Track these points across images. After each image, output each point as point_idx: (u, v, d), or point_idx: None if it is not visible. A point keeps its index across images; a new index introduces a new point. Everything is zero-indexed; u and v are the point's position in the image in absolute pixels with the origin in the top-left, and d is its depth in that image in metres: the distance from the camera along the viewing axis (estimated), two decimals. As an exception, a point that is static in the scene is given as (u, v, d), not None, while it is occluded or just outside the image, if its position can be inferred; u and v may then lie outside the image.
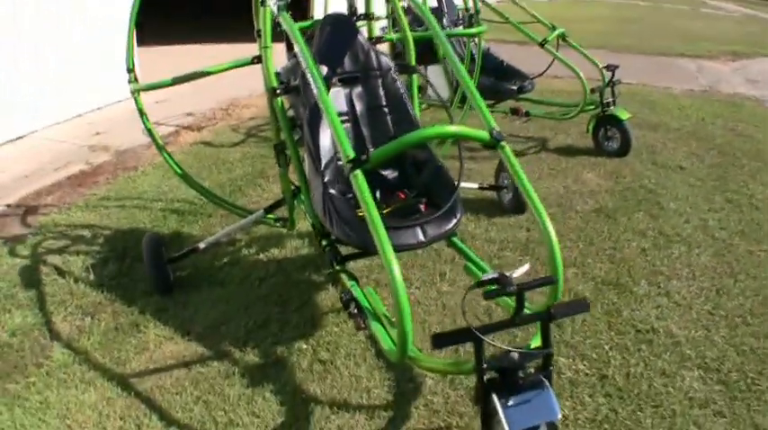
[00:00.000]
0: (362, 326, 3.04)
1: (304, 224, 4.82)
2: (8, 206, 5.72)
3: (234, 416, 3.27)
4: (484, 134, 3.02)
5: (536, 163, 6.73)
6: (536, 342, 2.72)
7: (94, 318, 4.04)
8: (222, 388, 3.45)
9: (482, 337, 2.43)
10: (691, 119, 8.42)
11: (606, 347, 3.77)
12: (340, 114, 3.76)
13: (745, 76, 11.83)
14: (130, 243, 4.89)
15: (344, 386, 3.46)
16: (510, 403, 2.44)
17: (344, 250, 3.60)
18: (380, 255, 2.53)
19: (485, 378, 2.52)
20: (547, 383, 2.52)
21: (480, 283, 2.52)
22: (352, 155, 2.79)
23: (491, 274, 2.50)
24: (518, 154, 6.54)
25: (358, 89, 3.92)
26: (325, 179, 3.48)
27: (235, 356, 3.69)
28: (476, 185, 5.41)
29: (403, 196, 3.66)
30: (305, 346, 3.76)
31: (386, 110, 3.93)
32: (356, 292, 3.21)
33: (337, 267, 3.51)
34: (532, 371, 2.62)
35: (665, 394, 3.41)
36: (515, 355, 2.50)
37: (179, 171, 4.62)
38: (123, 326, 3.97)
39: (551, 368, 2.62)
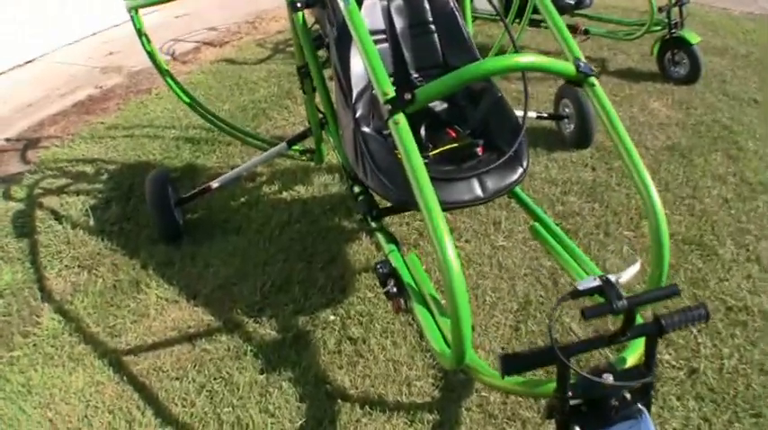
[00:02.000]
0: (403, 307, 2.40)
1: (334, 156, 4.26)
2: (7, 140, 5.25)
3: (242, 413, 2.70)
4: (568, 67, 2.36)
5: None
6: (633, 356, 2.12)
7: (91, 273, 3.56)
8: (231, 373, 2.89)
9: (568, 364, 1.77)
10: (757, 45, 7.67)
11: (694, 331, 3.15)
12: (375, 32, 3.15)
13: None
14: (138, 179, 4.35)
15: (379, 375, 2.86)
16: None
17: (382, 201, 2.95)
18: (429, 229, 1.92)
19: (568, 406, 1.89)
20: (647, 414, 1.90)
21: (576, 293, 1.83)
22: (391, 92, 2.15)
23: (592, 280, 1.83)
24: None
25: (398, 2, 3.26)
26: (357, 114, 2.84)
27: (248, 329, 3.13)
28: (533, 114, 4.78)
29: (454, 134, 3.00)
30: (332, 318, 3.18)
31: (432, 27, 3.27)
32: (396, 262, 2.56)
33: (373, 224, 2.88)
34: (627, 396, 1.94)
35: (765, 398, 2.80)
36: (609, 379, 1.84)
37: (186, 99, 4.10)
38: (122, 285, 3.47)
39: (652, 394, 1.98)
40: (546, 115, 4.89)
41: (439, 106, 3.13)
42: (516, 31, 5.71)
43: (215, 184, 3.81)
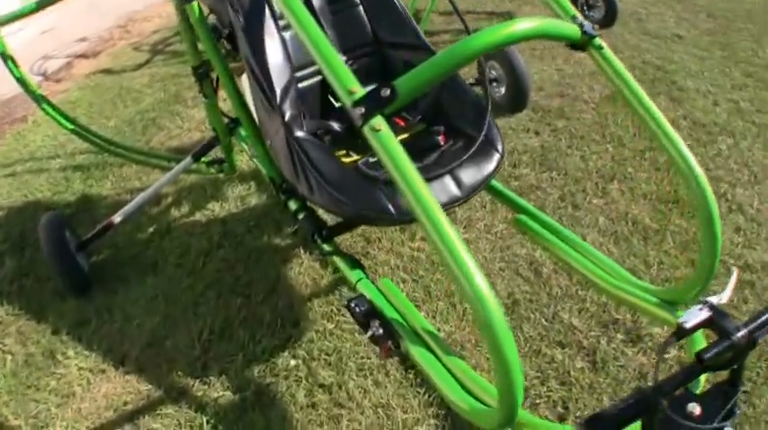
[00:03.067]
0: (393, 351, 1.92)
1: (244, 162, 3.91)
2: None
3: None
4: (573, 29, 1.94)
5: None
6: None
7: (-2, 349, 3.03)
8: None
9: (673, 415, 1.34)
10: (660, -24, 7.52)
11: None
12: None
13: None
14: (29, 224, 3.83)
15: (370, 427, 2.39)
16: None
17: (329, 217, 2.56)
18: (449, 261, 1.43)
19: None
20: None
21: (683, 333, 1.39)
22: (359, 89, 1.62)
23: (695, 313, 1.40)
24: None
25: None
26: (286, 116, 2.38)
27: (196, 394, 2.62)
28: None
29: (403, 123, 2.58)
30: (293, 363, 2.68)
31: (358, 1, 2.83)
32: (369, 292, 2.09)
33: (325, 247, 2.40)
34: None
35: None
36: (696, 410, 1.40)
37: (68, 125, 3.65)
38: (36, 359, 2.94)
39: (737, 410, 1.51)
40: (473, 81, 4.43)
41: (381, 90, 2.62)
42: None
43: (117, 218, 3.31)
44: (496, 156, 2.33)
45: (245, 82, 2.70)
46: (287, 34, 2.57)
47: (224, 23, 2.71)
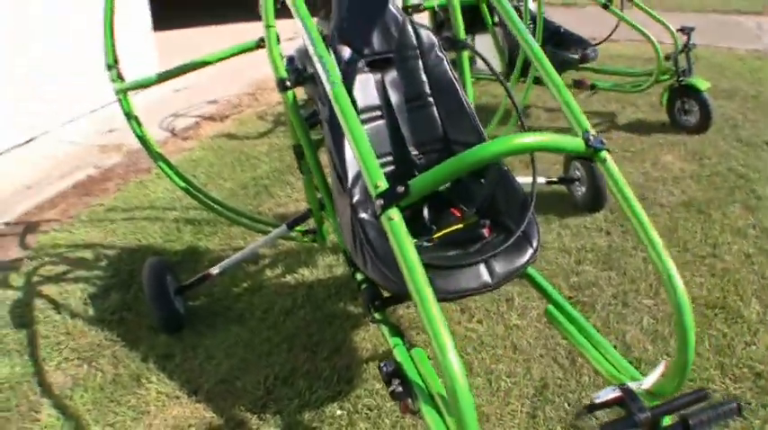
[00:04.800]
0: (411, 408, 2.18)
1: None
2: (6, 224, 5.09)
3: None
4: (577, 142, 2.20)
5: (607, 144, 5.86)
6: None
7: (91, 366, 3.38)
8: None
9: None
10: (766, 84, 7.58)
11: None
12: (370, 109, 3.01)
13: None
14: (138, 265, 4.16)
15: (393, 474, 2.66)
16: None
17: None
18: (429, 332, 1.75)
19: None
20: None
21: (594, 407, 1.72)
22: (382, 184, 1.97)
23: (609, 392, 1.73)
24: None
25: (392, 74, 3.09)
26: (354, 199, 2.67)
27: (251, 426, 2.94)
28: (543, 180, 4.62)
29: (459, 214, 2.83)
30: (339, 412, 2.99)
31: (431, 100, 3.12)
32: (401, 357, 2.36)
33: (376, 315, 2.67)
34: None
35: None
36: None
37: (181, 184, 3.97)
38: (122, 379, 3.29)
39: None
40: (556, 180, 4.75)
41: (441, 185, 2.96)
42: (522, 90, 5.58)
43: (215, 271, 3.66)
44: (530, 251, 2.53)
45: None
46: (366, 127, 2.86)
47: (319, 111, 2.98)
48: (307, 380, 3.19)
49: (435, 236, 2.71)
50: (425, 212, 2.85)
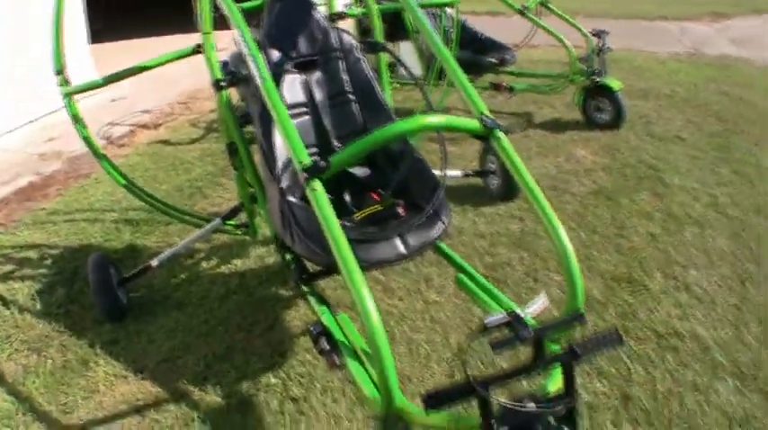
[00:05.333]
0: (337, 364, 2.45)
1: (268, 228, 4.27)
2: (-49, 231, 5.20)
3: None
4: (473, 123, 2.53)
5: (523, 141, 6.22)
6: (554, 384, 2.20)
7: (41, 355, 3.57)
8: None
9: (487, 396, 1.86)
10: (682, 84, 8.04)
11: (626, 359, 3.30)
12: (296, 105, 3.29)
13: (729, 36, 11.48)
14: (80, 262, 4.38)
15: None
16: None
17: (312, 266, 3.06)
18: (350, 287, 2.03)
19: None
20: None
21: (486, 328, 1.95)
22: (306, 160, 2.29)
23: (499, 316, 1.96)
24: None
25: (317, 74, 3.39)
26: (282, 185, 2.95)
27: (193, 397, 3.18)
28: (459, 173, 4.97)
29: (377, 197, 3.12)
30: (274, 381, 3.24)
31: (351, 96, 3.42)
32: (327, 321, 2.64)
33: (304, 288, 2.97)
34: (553, 422, 2.00)
35: (700, 413, 2.94)
36: (532, 406, 1.91)
37: (122, 182, 4.13)
38: (72, 364, 3.49)
39: (578, 418, 2.03)
40: (472, 173, 5.04)
41: (361, 172, 3.24)
42: (440, 92, 5.86)
43: (155, 263, 3.86)
44: (440, 225, 2.82)
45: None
46: (294, 121, 3.07)
47: (251, 110, 3.25)
48: (243, 355, 3.43)
49: (357, 217, 2.96)
50: (347, 197, 3.11)
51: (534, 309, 2.07)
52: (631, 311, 3.68)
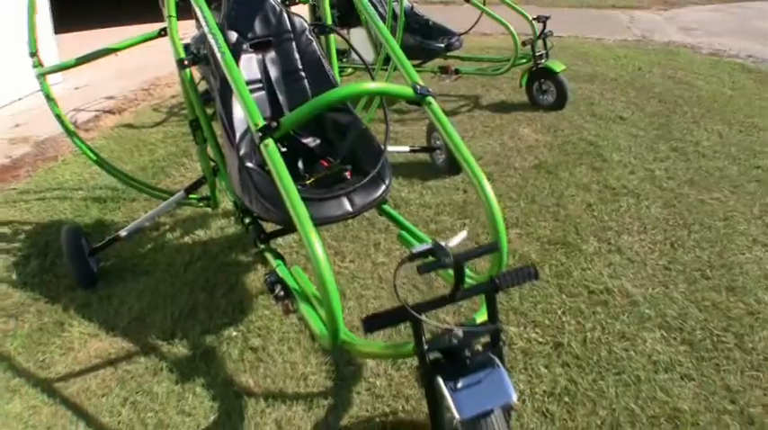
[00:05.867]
0: (291, 309, 2.74)
1: (228, 201, 4.62)
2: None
3: (164, 416, 3.04)
4: (407, 90, 2.81)
5: (469, 121, 6.55)
6: (482, 316, 2.48)
7: (18, 320, 3.82)
8: (150, 386, 3.22)
9: (418, 316, 2.17)
10: (627, 68, 8.34)
11: (559, 312, 3.59)
12: (253, 82, 3.58)
13: (678, 24, 11.85)
14: (52, 237, 4.63)
15: (279, 374, 3.23)
16: (458, 386, 2.16)
17: (269, 227, 3.34)
18: (299, 230, 2.29)
19: (428, 360, 2.25)
20: (497, 361, 2.26)
21: (413, 256, 2.22)
22: (261, 122, 2.56)
23: (424, 245, 2.23)
24: (450, 113, 6.53)
25: (271, 54, 3.69)
26: (241, 152, 3.22)
27: (162, 350, 3.46)
28: (407, 148, 5.29)
29: (327, 164, 3.41)
30: (235, 334, 3.53)
31: (302, 74, 3.71)
32: (282, 272, 2.92)
33: (261, 246, 3.25)
34: (479, 348, 2.33)
35: (627, 359, 3.23)
36: (459, 333, 2.22)
37: (93, 157, 4.38)
38: (48, 326, 3.75)
39: (502, 344, 2.36)
40: (419, 147, 5.36)
41: (312, 142, 3.54)
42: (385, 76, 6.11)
43: (123, 233, 4.11)
44: (383, 186, 3.10)
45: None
46: (252, 95, 3.26)
47: (212, 87, 3.51)
48: (207, 312, 3.71)
49: (309, 182, 3.24)
50: (300, 165, 3.42)
51: (455, 241, 2.31)
52: (565, 270, 3.96)
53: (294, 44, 3.72)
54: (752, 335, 3.39)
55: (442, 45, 6.86)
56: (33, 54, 4.14)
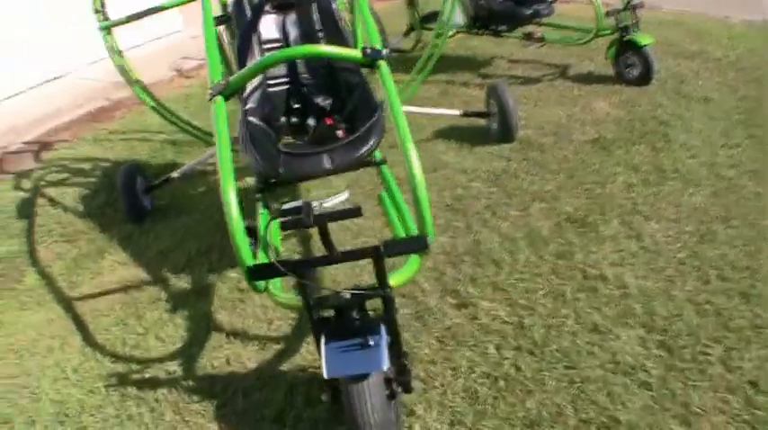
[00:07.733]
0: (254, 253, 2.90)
1: None
2: (25, 143, 6.08)
3: (143, 340, 3.48)
4: (355, 53, 2.92)
5: (546, 90, 6.43)
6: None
7: (72, 245, 4.36)
8: (144, 312, 3.68)
9: (286, 272, 2.30)
10: (738, 49, 7.53)
11: (540, 293, 3.53)
12: (270, 41, 3.85)
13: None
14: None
15: (249, 315, 3.58)
16: (333, 346, 2.32)
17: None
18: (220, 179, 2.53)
19: (315, 316, 2.44)
20: (382, 329, 2.37)
21: (283, 212, 2.26)
22: (216, 79, 2.82)
23: (294, 204, 2.25)
24: (534, 80, 6.51)
25: (292, 16, 3.94)
26: (247, 107, 3.48)
27: (170, 282, 3.90)
28: (458, 112, 5.31)
29: (330, 122, 3.63)
30: (233, 275, 3.89)
31: (320, 35, 3.92)
32: (261, 221, 3.19)
33: (258, 195, 3.49)
34: (369, 313, 2.48)
35: (587, 354, 3.09)
36: (346, 295, 2.36)
37: (151, 103, 4.75)
38: (91, 253, 4.26)
39: (392, 312, 2.46)
40: (471, 113, 5.39)
41: (324, 101, 3.77)
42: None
43: (175, 174, 4.53)
44: (367, 146, 3.15)
45: None
46: (267, 55, 3.37)
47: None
48: (218, 253, 4.12)
49: (308, 137, 3.57)
50: (311, 122, 3.70)
51: (332, 201, 2.38)
52: (569, 251, 3.83)
53: (315, 5, 3.95)
54: (743, 352, 3.06)
55: (530, 11, 6.73)
56: (98, 11, 4.50)
